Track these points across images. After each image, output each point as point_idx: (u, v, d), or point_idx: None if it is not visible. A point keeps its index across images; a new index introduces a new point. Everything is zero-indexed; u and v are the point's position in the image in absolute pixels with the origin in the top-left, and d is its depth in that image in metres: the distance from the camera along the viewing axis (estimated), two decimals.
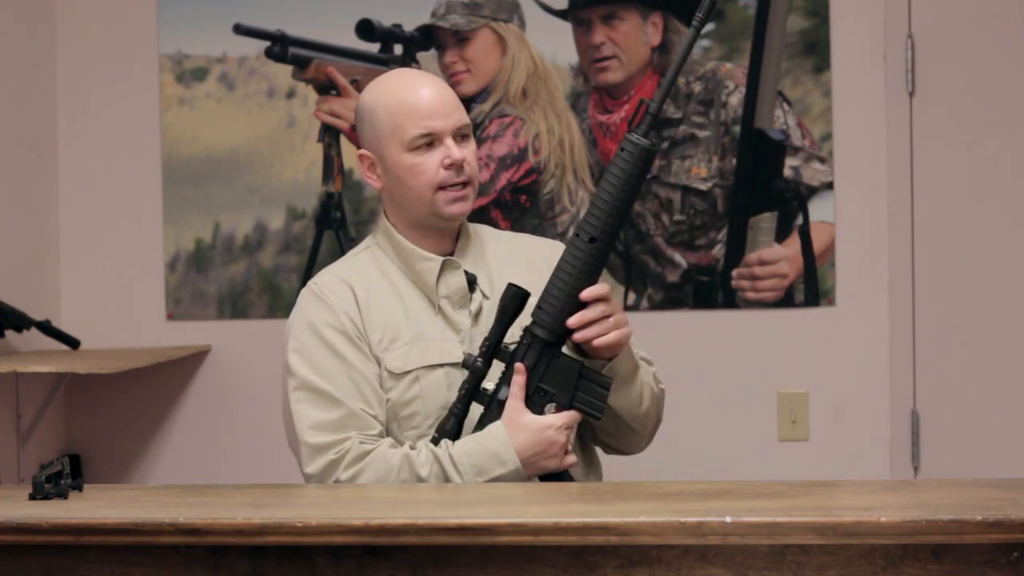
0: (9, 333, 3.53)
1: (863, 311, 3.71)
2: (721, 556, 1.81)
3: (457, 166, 2.35)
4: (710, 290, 3.76)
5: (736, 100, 3.73)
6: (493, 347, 2.28)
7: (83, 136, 3.90)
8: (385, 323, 2.35)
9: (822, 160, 3.72)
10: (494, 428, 2.27)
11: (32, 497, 2.05)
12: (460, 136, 2.37)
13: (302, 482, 2.34)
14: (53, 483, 2.06)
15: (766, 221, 3.73)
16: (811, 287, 3.74)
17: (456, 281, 2.38)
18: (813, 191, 3.73)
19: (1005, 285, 3.68)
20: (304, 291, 2.42)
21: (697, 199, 3.74)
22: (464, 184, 2.36)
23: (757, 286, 3.75)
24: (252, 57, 3.88)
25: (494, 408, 2.30)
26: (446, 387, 2.33)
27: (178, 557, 1.88)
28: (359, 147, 3.89)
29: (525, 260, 2.45)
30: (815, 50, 3.73)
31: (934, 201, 3.69)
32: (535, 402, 2.29)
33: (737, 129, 3.73)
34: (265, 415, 3.88)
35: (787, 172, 3.73)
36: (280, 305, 3.88)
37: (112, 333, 3.86)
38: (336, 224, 3.86)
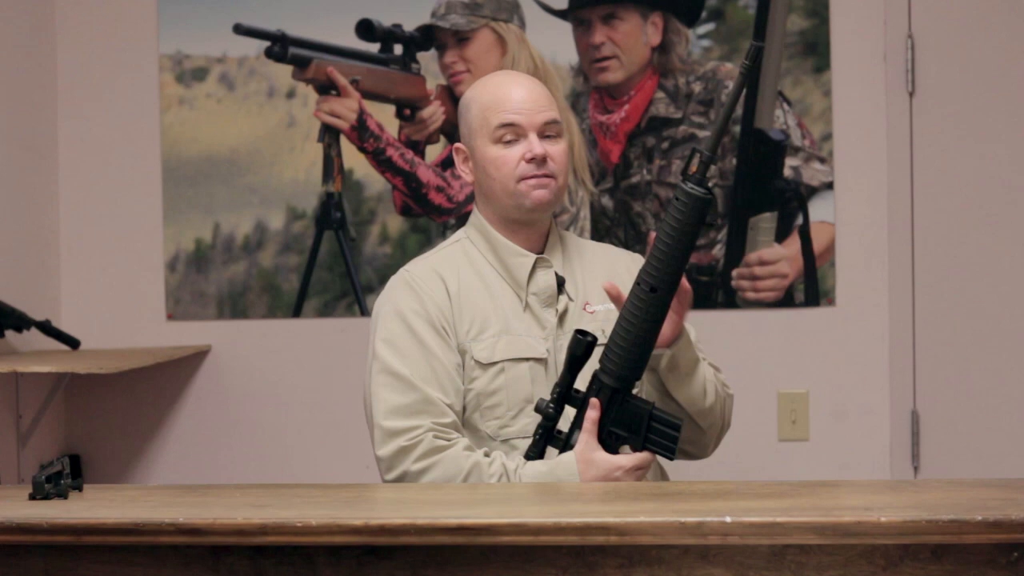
0: (9, 333, 3.54)
1: (863, 311, 3.72)
2: (721, 556, 1.81)
3: (539, 160, 2.40)
4: (710, 290, 3.76)
5: None
6: (564, 393, 2.31)
7: (83, 136, 3.90)
8: (474, 314, 2.40)
9: (822, 160, 3.72)
10: (567, 458, 2.30)
11: (32, 497, 2.05)
12: (547, 134, 2.43)
13: (302, 482, 2.34)
14: (53, 483, 2.06)
15: (766, 221, 3.74)
16: (811, 287, 3.74)
17: (546, 279, 2.43)
18: (813, 191, 3.73)
19: (1005, 285, 3.68)
20: (395, 278, 2.47)
21: None
22: (547, 176, 2.41)
23: (757, 286, 3.75)
24: (252, 57, 3.88)
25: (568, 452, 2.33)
26: (530, 381, 2.38)
27: (178, 557, 1.88)
28: (360, 147, 3.92)
29: (608, 269, 2.49)
30: (815, 50, 3.73)
31: (934, 201, 3.69)
32: (608, 445, 2.32)
33: (737, 129, 3.73)
34: (265, 415, 3.89)
35: (787, 172, 3.73)
36: (280, 305, 3.87)
37: (112, 333, 3.86)
38: (336, 224, 3.86)
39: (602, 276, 2.46)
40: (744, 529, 1.79)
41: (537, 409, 2.32)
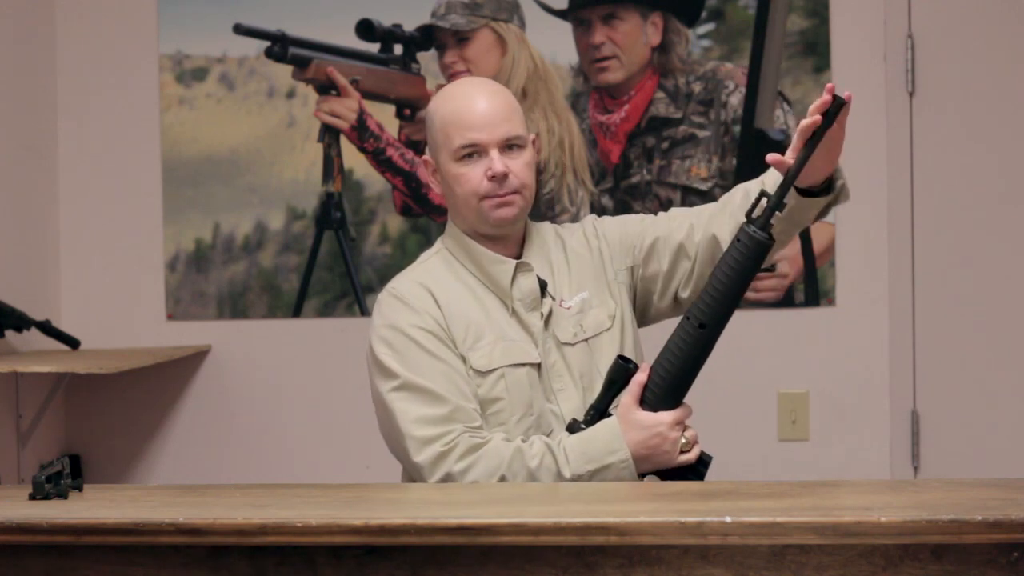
0: (9, 333, 3.54)
1: (863, 311, 3.71)
2: (721, 556, 1.81)
3: (500, 178, 2.36)
4: None
5: (736, 100, 3.73)
6: (599, 416, 2.32)
7: (83, 136, 3.90)
8: (467, 323, 2.38)
9: None
10: (607, 421, 2.31)
11: (32, 497, 2.05)
12: (508, 147, 2.38)
13: (302, 482, 2.34)
14: (53, 483, 2.06)
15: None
16: (811, 287, 3.74)
17: (528, 284, 2.41)
18: None
19: (1005, 285, 3.68)
20: (383, 297, 2.43)
21: (697, 199, 3.74)
22: (510, 193, 2.38)
23: (757, 286, 3.74)
24: (252, 57, 3.88)
25: None
26: (528, 386, 2.37)
27: (178, 557, 1.88)
28: (360, 147, 3.91)
29: (572, 256, 2.47)
30: (815, 50, 3.73)
31: (934, 201, 3.69)
32: None
33: (737, 129, 3.73)
34: (265, 415, 3.89)
35: None
36: (280, 305, 3.87)
37: (112, 333, 3.86)
38: (336, 224, 3.86)
39: (567, 266, 2.45)
40: (744, 529, 1.79)
41: (569, 429, 2.32)
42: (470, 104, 2.39)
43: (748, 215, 2.24)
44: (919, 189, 3.69)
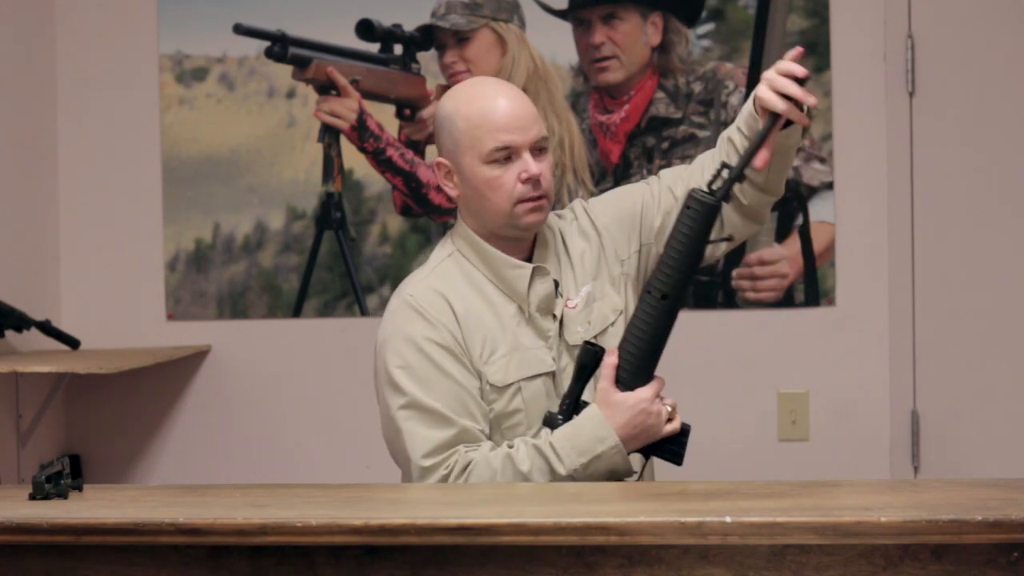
0: (9, 333, 3.54)
1: (863, 311, 3.72)
2: (721, 556, 1.81)
3: (534, 180, 2.33)
4: (710, 290, 3.76)
5: (736, 100, 3.72)
6: (573, 404, 2.30)
7: (83, 136, 3.90)
8: (484, 336, 2.35)
9: (822, 160, 3.72)
10: (589, 410, 2.29)
11: (32, 497, 2.05)
12: (537, 149, 2.36)
13: (302, 482, 2.34)
14: (53, 483, 2.06)
15: (766, 221, 3.73)
16: (811, 287, 3.74)
17: (545, 288, 2.38)
18: (813, 191, 3.73)
19: (1005, 285, 3.68)
20: (399, 303, 2.38)
21: None
22: (540, 196, 2.35)
23: (757, 286, 3.75)
24: (252, 57, 3.88)
25: None
26: (545, 395, 2.35)
27: (178, 557, 1.88)
28: (360, 147, 3.91)
29: (574, 251, 2.45)
30: (815, 50, 3.73)
31: (934, 201, 3.69)
32: None
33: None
34: (265, 415, 3.89)
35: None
36: (280, 305, 3.87)
37: (112, 333, 3.86)
38: (336, 224, 3.86)
39: (568, 261, 2.43)
40: (744, 529, 1.79)
41: (546, 422, 2.30)
42: (498, 105, 2.34)
43: (709, 186, 2.20)
44: (919, 189, 3.69)
